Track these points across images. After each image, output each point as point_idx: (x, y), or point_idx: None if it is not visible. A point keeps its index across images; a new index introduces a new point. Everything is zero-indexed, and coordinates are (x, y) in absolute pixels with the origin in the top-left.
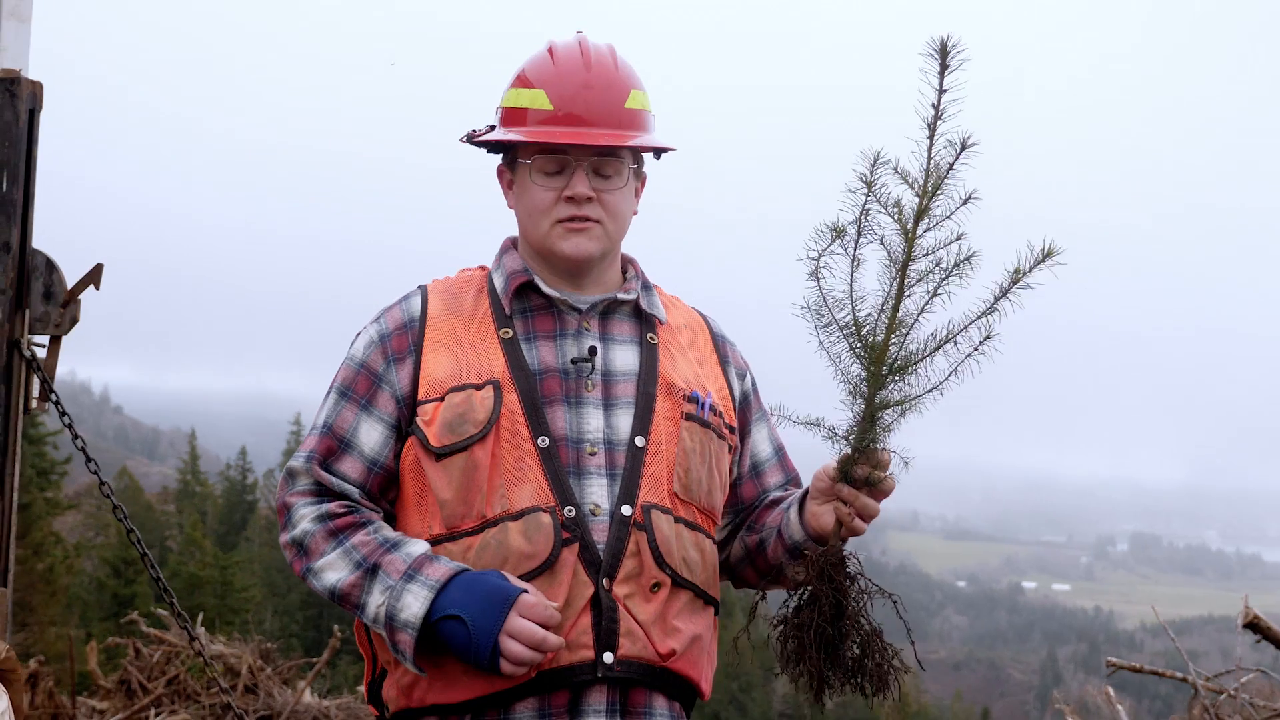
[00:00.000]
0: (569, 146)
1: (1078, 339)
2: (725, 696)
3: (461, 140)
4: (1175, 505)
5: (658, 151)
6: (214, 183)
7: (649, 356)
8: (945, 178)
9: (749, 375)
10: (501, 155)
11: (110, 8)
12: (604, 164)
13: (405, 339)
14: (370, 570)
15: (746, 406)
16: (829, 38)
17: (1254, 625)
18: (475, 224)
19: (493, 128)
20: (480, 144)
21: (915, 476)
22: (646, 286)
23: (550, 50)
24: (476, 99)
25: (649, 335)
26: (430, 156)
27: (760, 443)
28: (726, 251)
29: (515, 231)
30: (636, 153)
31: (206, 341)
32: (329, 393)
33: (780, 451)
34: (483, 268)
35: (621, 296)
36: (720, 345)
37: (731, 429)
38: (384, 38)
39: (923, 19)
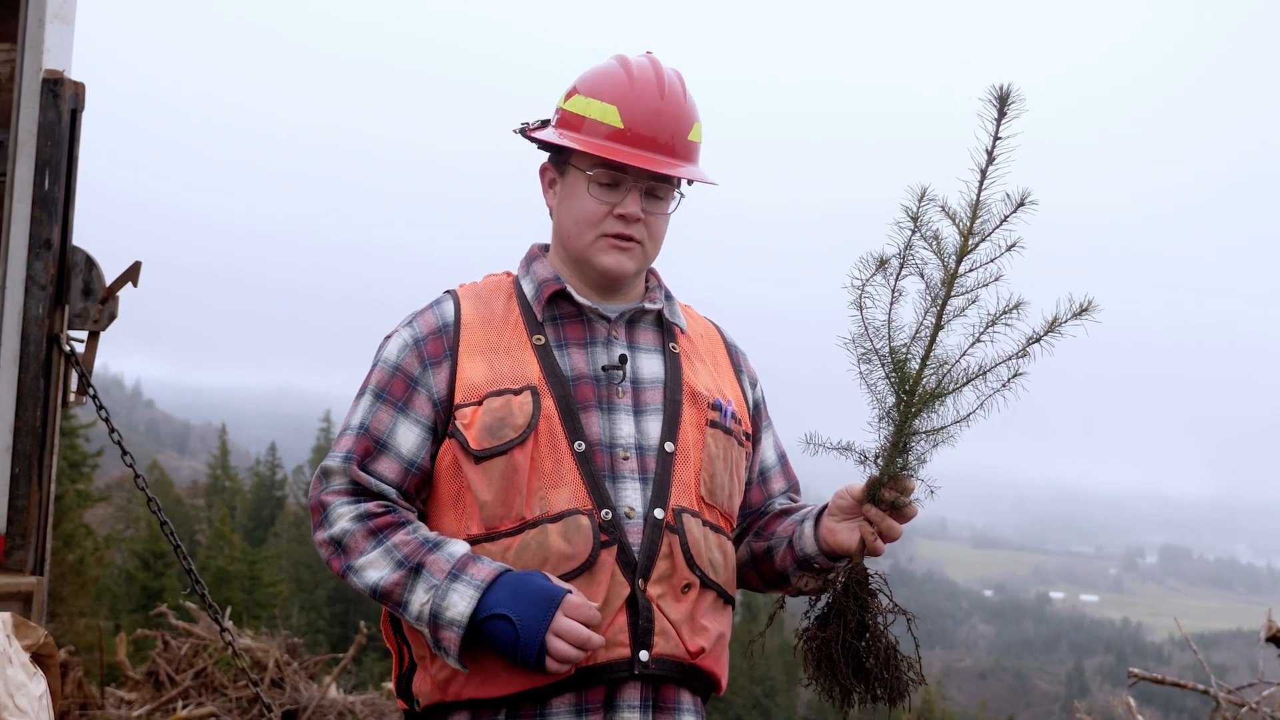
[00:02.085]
0: (630, 167)
1: (1110, 348)
2: (749, 701)
3: (515, 131)
4: (1205, 518)
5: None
6: (245, 185)
7: (673, 365)
8: (998, 227)
9: (759, 384)
10: (549, 154)
11: (142, 15)
12: (656, 188)
13: (441, 343)
14: (414, 569)
15: (758, 414)
16: (834, 36)
17: (1276, 639)
18: (496, 228)
19: (544, 123)
20: (538, 142)
21: (944, 484)
22: (669, 296)
23: (626, 68)
24: (504, 105)
25: (671, 344)
26: (455, 160)
27: (767, 450)
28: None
29: (537, 238)
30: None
31: (238, 339)
32: (362, 394)
33: (783, 458)
34: (509, 273)
35: (648, 306)
36: (734, 354)
37: (748, 436)
38: (418, 41)
39: (919, 17)
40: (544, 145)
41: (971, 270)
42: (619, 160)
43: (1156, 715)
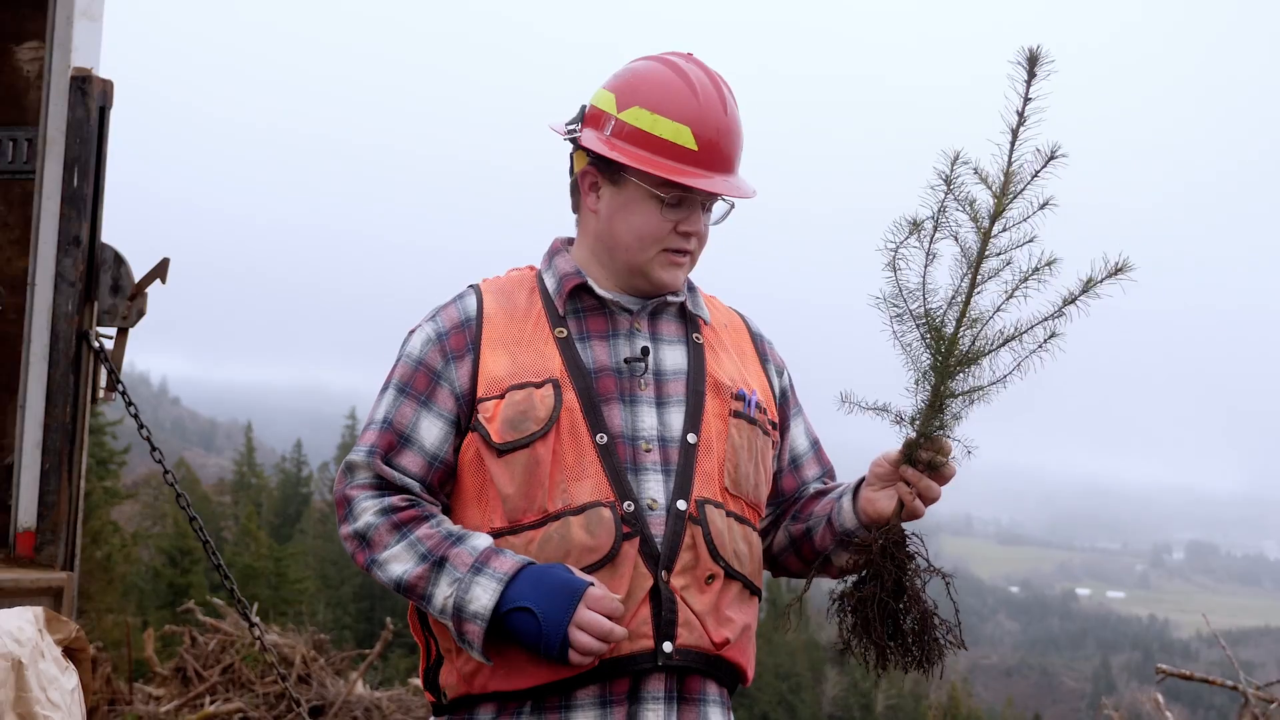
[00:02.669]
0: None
1: (1137, 343)
2: (775, 697)
3: (566, 139)
4: (1234, 514)
5: None
6: (268, 182)
7: (696, 356)
8: (1029, 183)
9: (786, 372)
10: (591, 157)
11: (160, 14)
12: (712, 201)
13: (463, 337)
14: (437, 563)
15: (785, 402)
16: (841, 29)
17: None
18: (519, 224)
19: (579, 120)
20: (608, 160)
21: (969, 480)
22: (691, 288)
23: (687, 82)
24: (527, 104)
25: (694, 335)
26: (479, 156)
27: (798, 436)
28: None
29: (559, 232)
30: None
31: (263, 336)
32: (385, 389)
33: (816, 444)
34: (531, 267)
35: (670, 298)
36: (759, 343)
37: (774, 425)
38: (441, 38)
39: (918, 9)
40: (606, 159)
41: (1005, 230)
42: (713, 191)
43: (1184, 712)
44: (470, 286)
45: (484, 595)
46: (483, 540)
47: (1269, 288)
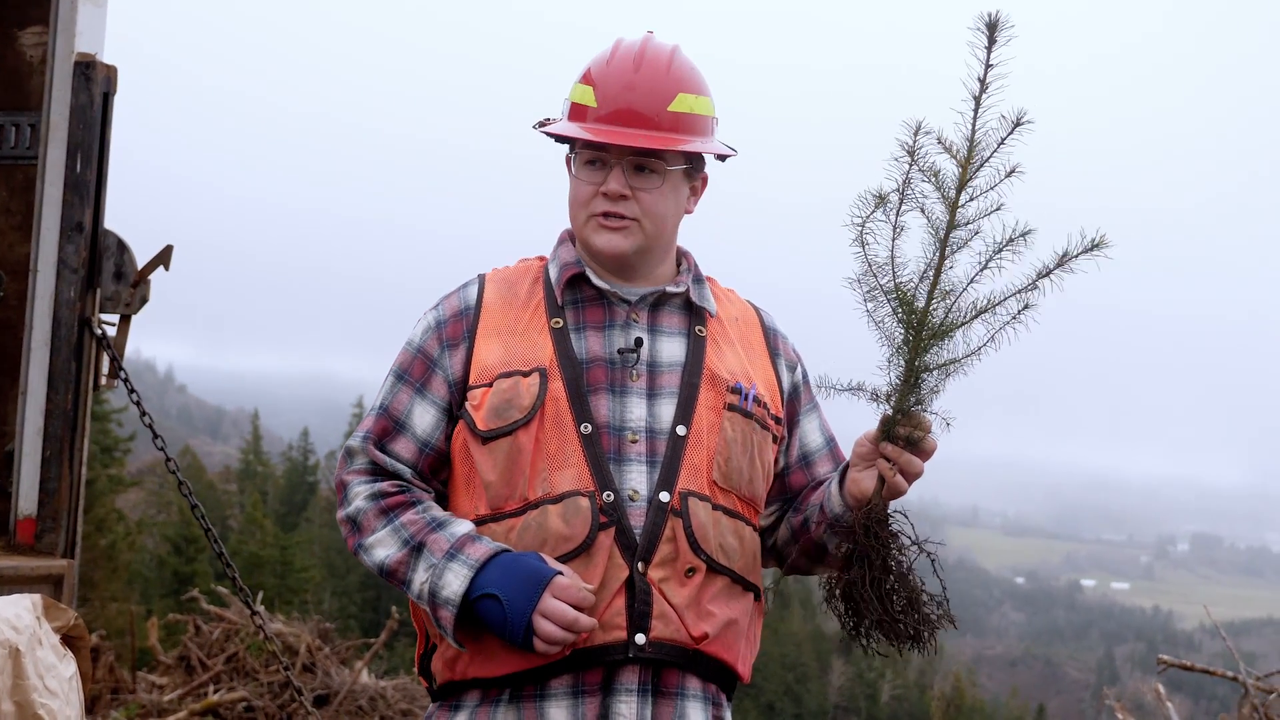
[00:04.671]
0: (610, 145)
1: (1145, 335)
2: (781, 688)
3: (533, 127)
4: (1238, 506)
5: (720, 156)
6: (279, 165)
7: (695, 348)
8: (995, 151)
9: (799, 367)
10: (568, 145)
11: None
12: (646, 163)
13: (460, 326)
14: (416, 548)
15: (796, 398)
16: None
17: None
18: (537, 212)
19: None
20: (546, 134)
21: (976, 472)
22: (698, 280)
23: (614, 48)
24: (541, 90)
25: (697, 328)
26: (495, 144)
27: (810, 433)
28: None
29: (566, 222)
30: (688, 155)
31: (270, 323)
32: (388, 376)
33: (831, 442)
34: (541, 258)
35: (670, 290)
36: (771, 338)
37: (777, 420)
38: (456, 25)
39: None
40: (553, 137)
41: (972, 200)
42: (574, 136)
43: (1186, 702)
44: (477, 276)
45: (455, 581)
46: (462, 527)
47: (1273, 284)
